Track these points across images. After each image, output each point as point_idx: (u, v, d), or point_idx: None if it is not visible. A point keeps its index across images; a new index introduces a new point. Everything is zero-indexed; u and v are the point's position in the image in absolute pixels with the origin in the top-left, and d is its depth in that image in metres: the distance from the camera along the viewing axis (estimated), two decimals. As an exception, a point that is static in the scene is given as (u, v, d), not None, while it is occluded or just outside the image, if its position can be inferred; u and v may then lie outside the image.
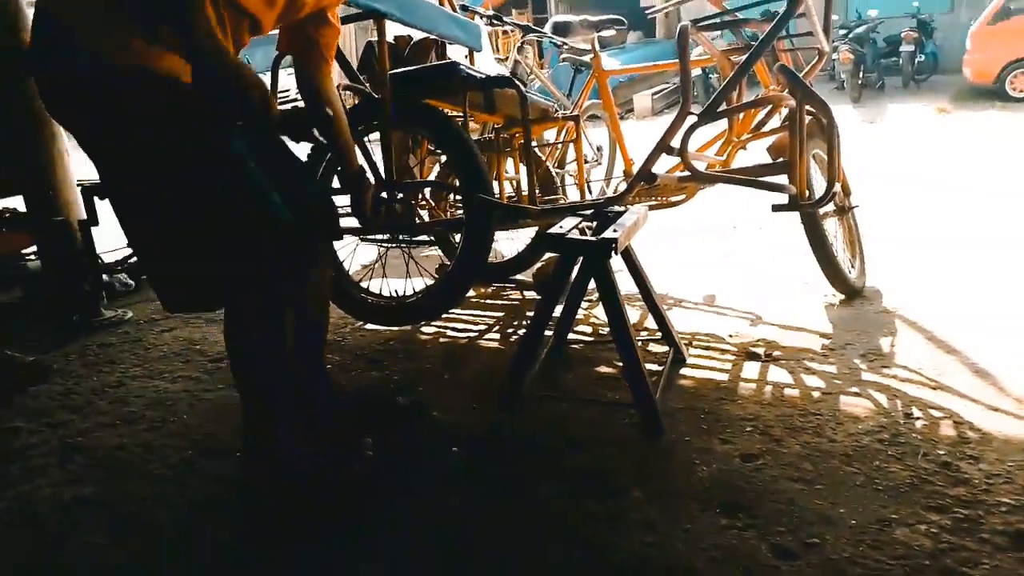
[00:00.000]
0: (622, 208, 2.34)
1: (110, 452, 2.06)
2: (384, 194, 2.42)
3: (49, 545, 1.65)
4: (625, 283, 2.35)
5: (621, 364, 1.98)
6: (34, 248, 3.51)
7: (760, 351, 2.43)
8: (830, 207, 2.88)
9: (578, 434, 1.95)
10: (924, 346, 2.39)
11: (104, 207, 3.22)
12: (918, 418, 1.92)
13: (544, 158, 3.44)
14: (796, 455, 1.77)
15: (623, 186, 2.83)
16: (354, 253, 3.04)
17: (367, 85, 2.66)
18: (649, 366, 2.36)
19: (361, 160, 2.20)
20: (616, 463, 1.79)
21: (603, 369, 2.37)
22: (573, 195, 3.51)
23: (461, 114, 2.51)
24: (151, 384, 2.54)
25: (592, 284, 2.05)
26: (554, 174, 3.51)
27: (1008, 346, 2.31)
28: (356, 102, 2.75)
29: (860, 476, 1.67)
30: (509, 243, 3.70)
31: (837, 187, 2.39)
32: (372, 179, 2.28)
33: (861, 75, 11.10)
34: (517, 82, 2.50)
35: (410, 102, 2.44)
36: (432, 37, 3.39)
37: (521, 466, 1.82)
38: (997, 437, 1.79)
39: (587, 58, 3.74)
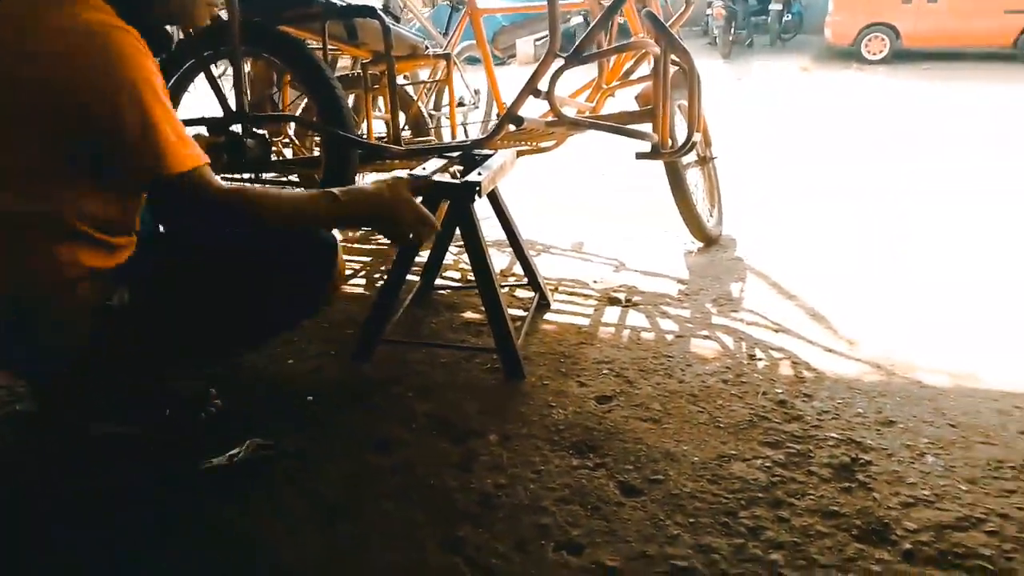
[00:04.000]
0: (489, 151, 2.29)
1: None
2: (235, 128, 2.25)
3: None
4: (494, 229, 2.33)
5: (483, 304, 1.95)
6: None
7: (621, 296, 2.48)
8: (692, 157, 2.96)
9: (437, 380, 1.92)
10: (770, 292, 2.52)
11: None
12: (760, 359, 2.02)
13: (416, 98, 3.33)
14: (647, 396, 1.82)
15: (494, 130, 2.77)
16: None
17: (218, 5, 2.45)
18: (514, 311, 2.36)
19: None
20: (471, 407, 1.78)
21: (469, 315, 2.34)
22: (449, 138, 3.42)
23: (321, 45, 2.37)
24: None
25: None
26: (426, 115, 3.41)
27: (845, 293, 2.46)
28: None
29: (704, 415, 1.73)
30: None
31: (697, 136, 2.43)
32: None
33: (732, 32, 11.47)
34: (380, 13, 2.37)
35: (262, 26, 2.26)
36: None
37: (376, 414, 1.78)
38: (829, 376, 1.91)
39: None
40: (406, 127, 3.18)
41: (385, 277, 2.71)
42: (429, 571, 1.27)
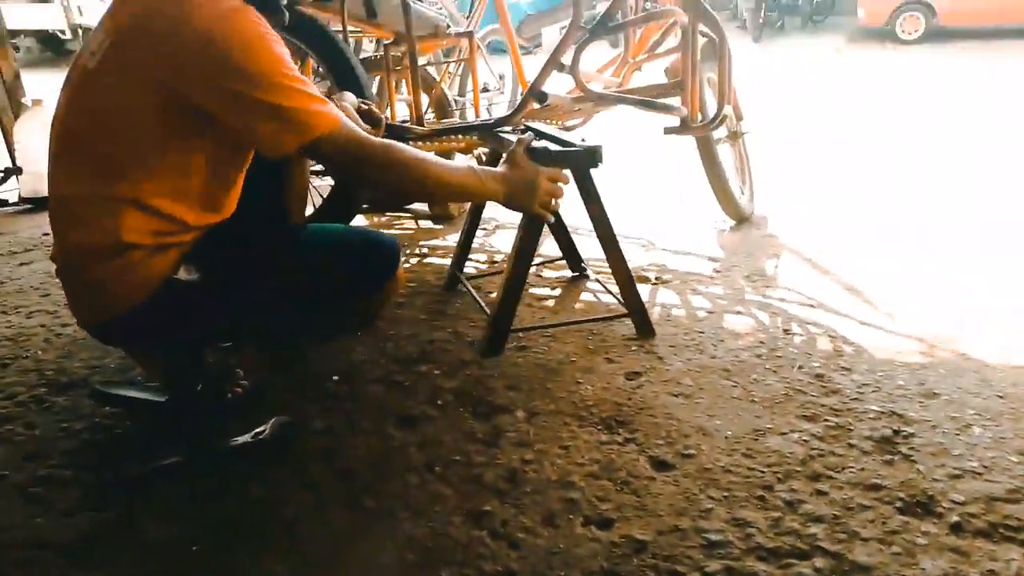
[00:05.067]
0: (513, 128, 2.25)
1: (-51, 392, 1.87)
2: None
3: None
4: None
5: (610, 267, 1.94)
6: None
7: (651, 275, 2.43)
8: (723, 132, 2.89)
9: (463, 357, 1.89)
10: (805, 268, 2.45)
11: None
12: (796, 334, 1.95)
13: (438, 80, 3.30)
14: (678, 371, 1.77)
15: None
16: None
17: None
18: (541, 290, 2.33)
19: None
20: (498, 384, 1.75)
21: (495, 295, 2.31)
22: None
23: (341, 26, 2.34)
24: (3, 320, 2.33)
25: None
26: (450, 98, 3.38)
27: (882, 268, 2.38)
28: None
29: (738, 389, 1.68)
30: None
31: (728, 110, 2.36)
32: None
33: (762, 14, 11.27)
34: (403, -9, 2.34)
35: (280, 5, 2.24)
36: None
37: (401, 391, 1.75)
38: (868, 349, 1.85)
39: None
40: (429, 109, 3.15)
41: (411, 261, 2.69)
42: (454, 545, 1.24)
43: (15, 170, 3.52)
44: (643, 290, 2.30)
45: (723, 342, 1.92)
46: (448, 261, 2.48)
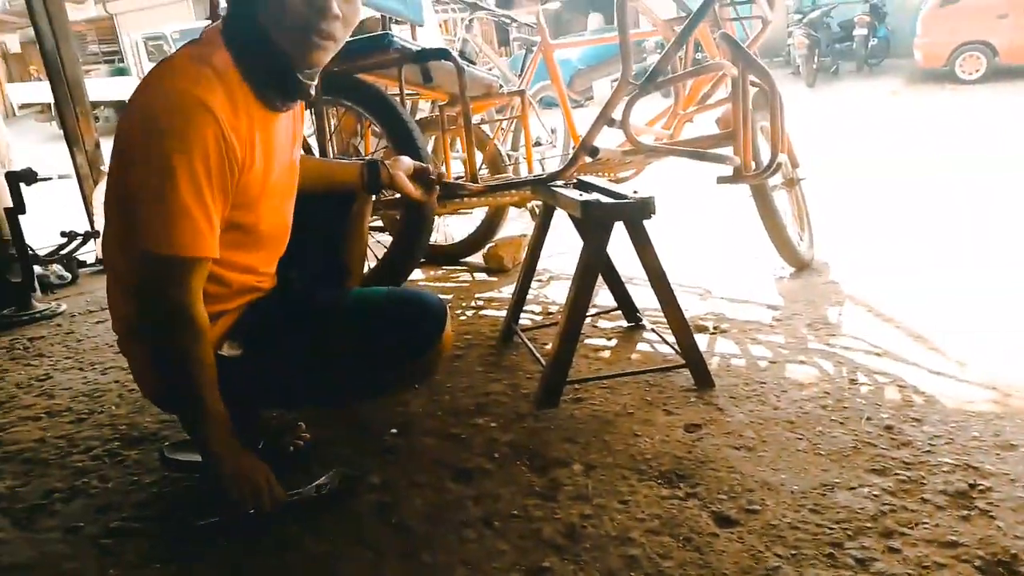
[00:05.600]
0: (565, 182, 2.28)
1: (29, 446, 1.95)
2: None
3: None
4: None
5: (666, 317, 1.94)
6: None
7: (709, 324, 2.40)
8: (778, 179, 2.87)
9: (519, 410, 1.89)
10: (869, 316, 2.38)
11: (36, 192, 3.10)
12: (862, 384, 1.89)
13: (491, 136, 3.37)
14: (739, 423, 1.73)
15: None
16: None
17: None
18: (596, 341, 2.32)
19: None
20: (554, 437, 1.74)
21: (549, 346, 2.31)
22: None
23: (398, 90, 2.44)
24: (80, 376, 2.43)
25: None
26: (504, 154, 3.45)
27: (950, 315, 2.30)
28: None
29: (803, 442, 1.63)
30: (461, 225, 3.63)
31: (782, 158, 2.35)
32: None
33: (816, 60, 11.24)
34: (454, 56, 2.43)
35: (341, 76, 2.35)
36: (376, 16, 3.31)
37: (458, 444, 1.76)
38: (939, 399, 1.78)
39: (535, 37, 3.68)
40: (483, 165, 3.22)
41: (468, 314, 2.72)
42: (513, 603, 1.23)
43: (94, 233, 3.72)
44: (701, 340, 2.27)
45: (786, 393, 1.87)
46: (503, 313, 2.50)
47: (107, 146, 4.56)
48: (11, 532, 1.56)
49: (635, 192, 1.93)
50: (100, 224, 3.90)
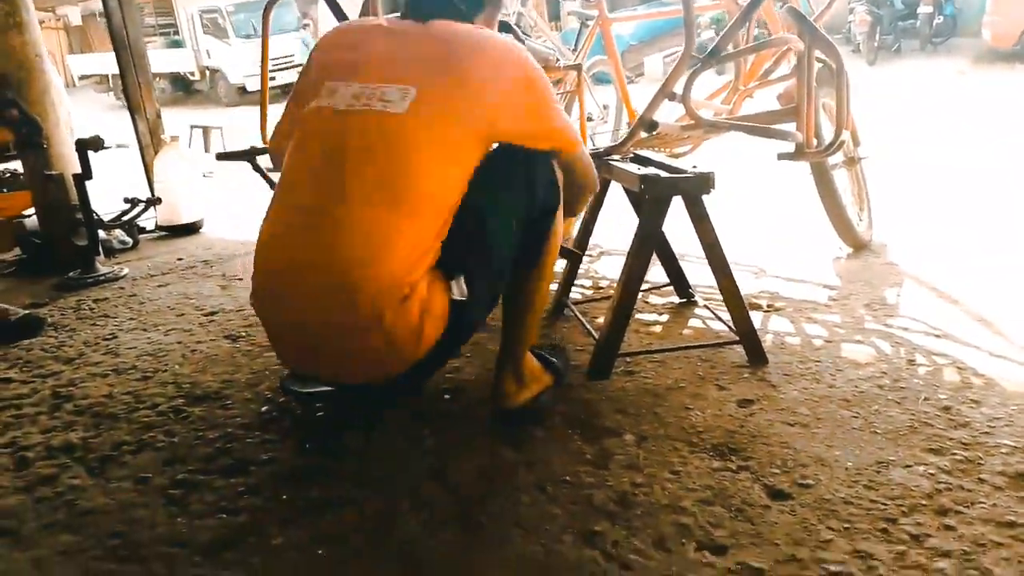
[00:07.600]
0: (622, 156, 2.27)
1: (99, 401, 2.04)
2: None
3: (35, 485, 1.64)
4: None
5: (721, 292, 1.95)
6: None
7: (763, 302, 2.38)
8: (839, 158, 2.81)
9: (571, 380, 1.91)
10: (929, 297, 2.33)
11: (98, 160, 3.21)
12: (920, 365, 1.86)
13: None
14: (793, 400, 1.73)
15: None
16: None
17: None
18: (648, 316, 2.32)
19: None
20: (606, 408, 1.75)
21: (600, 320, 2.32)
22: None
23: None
24: (144, 336, 2.52)
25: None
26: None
27: (1012, 299, 2.24)
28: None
29: (858, 420, 1.62)
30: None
31: (845, 135, 2.30)
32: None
33: (877, 37, 10.87)
34: (514, 28, 2.42)
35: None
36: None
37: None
38: (1000, 382, 1.74)
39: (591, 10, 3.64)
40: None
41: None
42: (566, 563, 1.25)
43: (155, 200, 3.83)
44: (755, 317, 2.24)
45: (841, 372, 1.85)
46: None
47: (167, 115, 4.69)
48: (86, 479, 1.64)
49: (694, 167, 1.92)
50: (162, 191, 4.02)
